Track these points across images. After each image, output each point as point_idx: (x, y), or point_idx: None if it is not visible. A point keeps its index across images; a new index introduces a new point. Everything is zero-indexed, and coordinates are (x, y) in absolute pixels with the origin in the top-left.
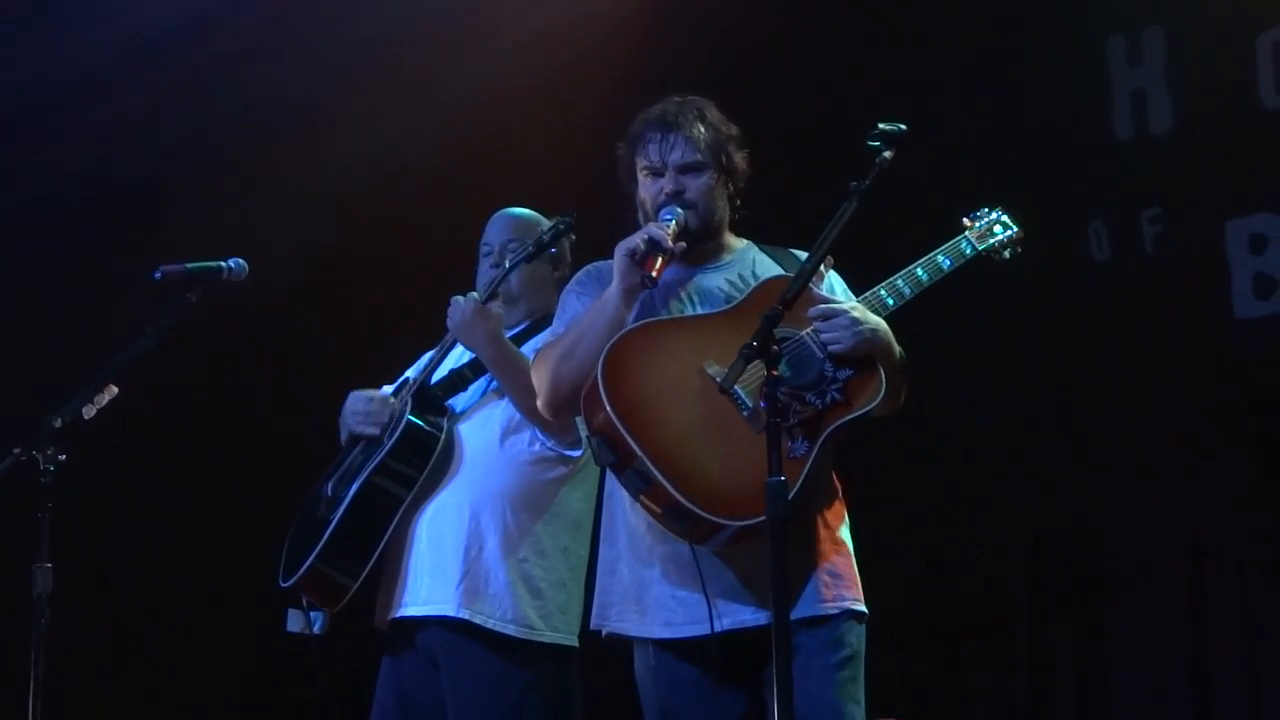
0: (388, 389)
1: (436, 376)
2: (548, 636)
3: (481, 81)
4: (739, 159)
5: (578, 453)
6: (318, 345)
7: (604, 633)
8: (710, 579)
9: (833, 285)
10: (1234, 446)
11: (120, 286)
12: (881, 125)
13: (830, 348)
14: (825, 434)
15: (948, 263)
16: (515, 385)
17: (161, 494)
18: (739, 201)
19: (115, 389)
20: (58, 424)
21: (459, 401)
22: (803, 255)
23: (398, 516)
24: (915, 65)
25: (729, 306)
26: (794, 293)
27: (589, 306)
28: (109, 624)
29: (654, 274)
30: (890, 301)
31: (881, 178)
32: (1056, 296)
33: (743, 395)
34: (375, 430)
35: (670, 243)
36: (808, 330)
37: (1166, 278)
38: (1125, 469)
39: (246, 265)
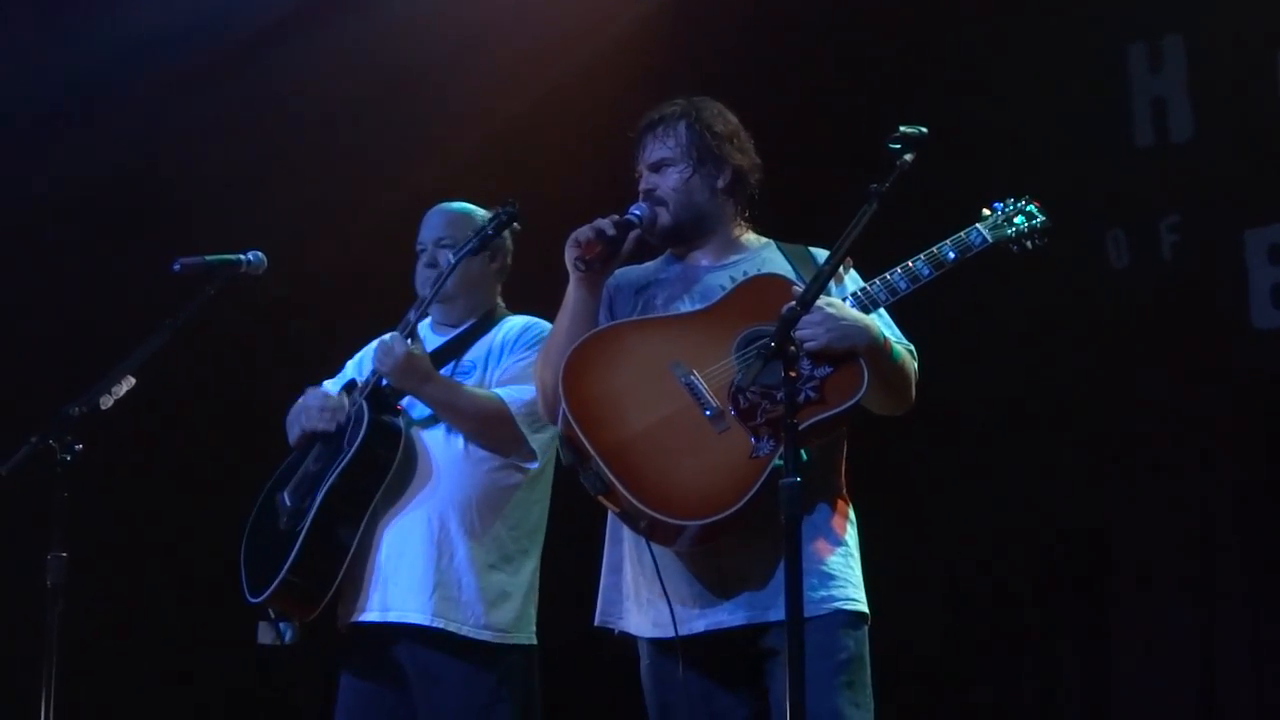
0: (328, 384)
1: None
2: (514, 639)
3: (495, 84)
4: (736, 155)
5: (534, 464)
6: (339, 336)
7: (615, 630)
8: (680, 582)
9: (848, 287)
10: (1250, 455)
11: (137, 278)
12: (902, 128)
13: (805, 344)
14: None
15: (952, 255)
16: (457, 416)
17: (178, 484)
18: (746, 195)
19: (133, 380)
20: (75, 413)
21: (415, 407)
22: (822, 254)
23: (365, 521)
24: (936, 70)
25: (703, 306)
26: (813, 294)
27: None
28: (124, 613)
29: (586, 258)
30: (883, 296)
31: (901, 180)
32: (1075, 303)
33: (706, 394)
34: (331, 427)
35: (613, 231)
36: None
37: (1185, 286)
38: (1141, 476)
39: (265, 258)
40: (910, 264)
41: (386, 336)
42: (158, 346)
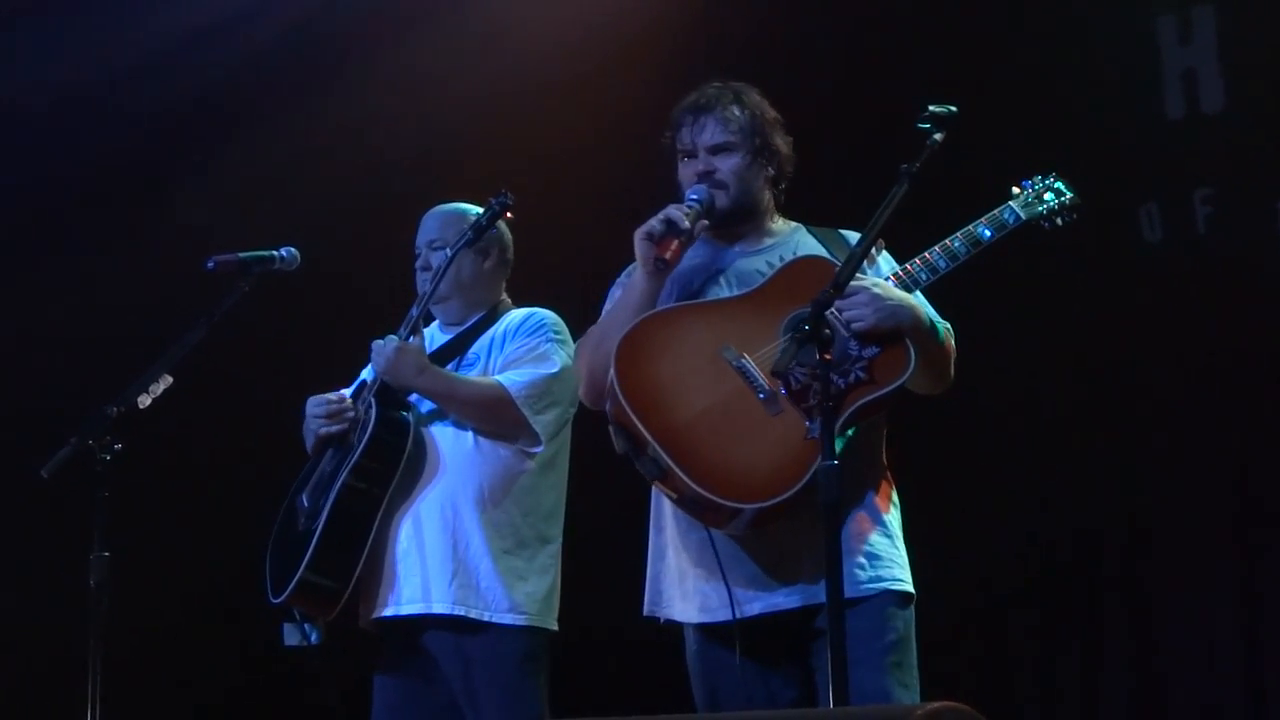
0: (345, 392)
1: None
2: (539, 622)
3: (505, 77)
4: (779, 142)
5: (538, 449)
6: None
7: (661, 619)
8: (736, 564)
9: (881, 268)
10: None
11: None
12: (931, 108)
13: (852, 325)
14: (846, 413)
15: (988, 233)
16: (457, 405)
17: (218, 482)
18: (781, 185)
19: (170, 378)
20: (113, 413)
21: (424, 402)
22: (852, 236)
23: (379, 516)
24: (965, 48)
25: (750, 289)
26: (846, 275)
27: None
28: (167, 612)
29: (667, 257)
30: (924, 276)
31: (932, 160)
32: (1109, 278)
33: (759, 378)
34: (341, 428)
35: (687, 224)
36: (830, 309)
37: (1219, 258)
38: (1177, 452)
39: (298, 254)
40: (948, 243)
41: (379, 339)
42: (194, 344)
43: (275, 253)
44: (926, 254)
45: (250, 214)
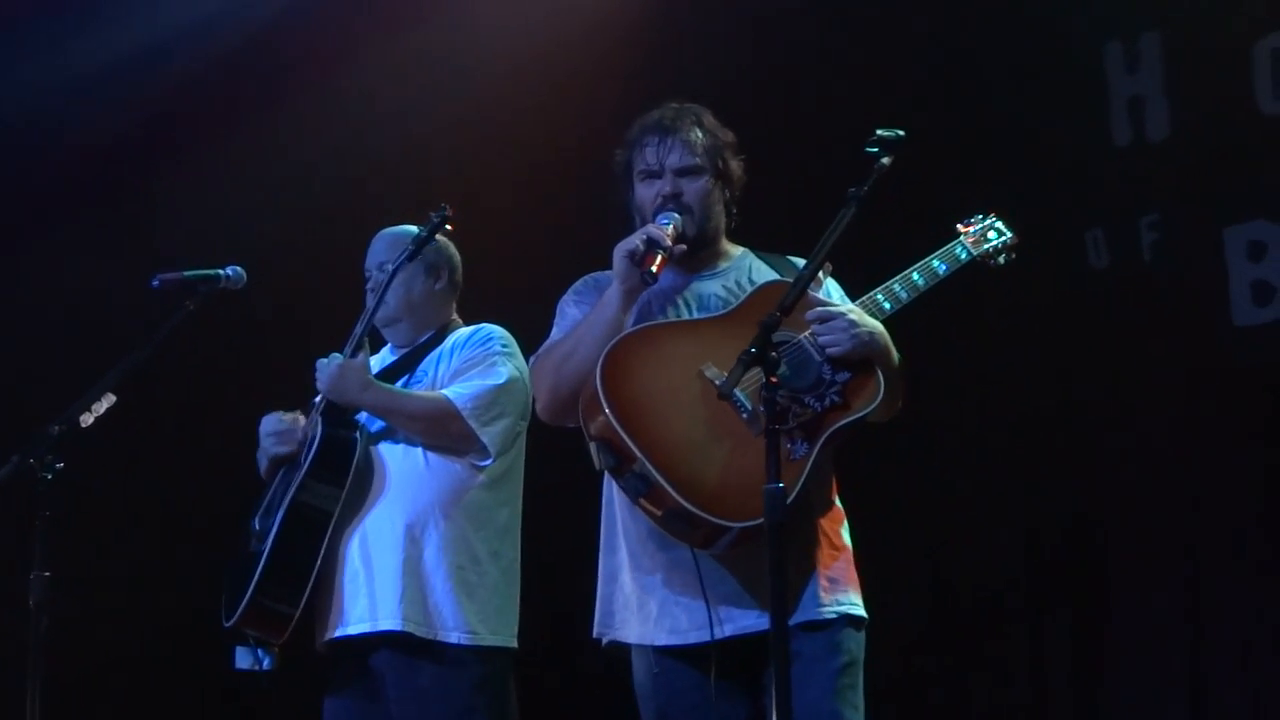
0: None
1: None
2: (489, 640)
3: (455, 99)
4: (735, 165)
5: (488, 461)
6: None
7: (605, 641)
8: (711, 584)
9: (829, 291)
10: (1232, 453)
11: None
12: (880, 131)
13: (828, 350)
14: (825, 436)
15: (944, 268)
16: (403, 419)
17: (160, 502)
18: (734, 209)
19: (113, 397)
20: (55, 432)
21: (374, 419)
22: (799, 262)
23: (328, 535)
24: (913, 72)
25: (726, 310)
26: (792, 299)
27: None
28: (107, 633)
29: (654, 270)
30: (887, 306)
31: (879, 184)
32: (1055, 303)
33: (742, 398)
34: (290, 448)
35: (669, 242)
36: (806, 333)
37: (1165, 285)
38: (1124, 475)
39: (244, 273)
40: (908, 274)
41: (323, 358)
42: (138, 363)
43: (221, 271)
44: (887, 286)
45: (199, 233)
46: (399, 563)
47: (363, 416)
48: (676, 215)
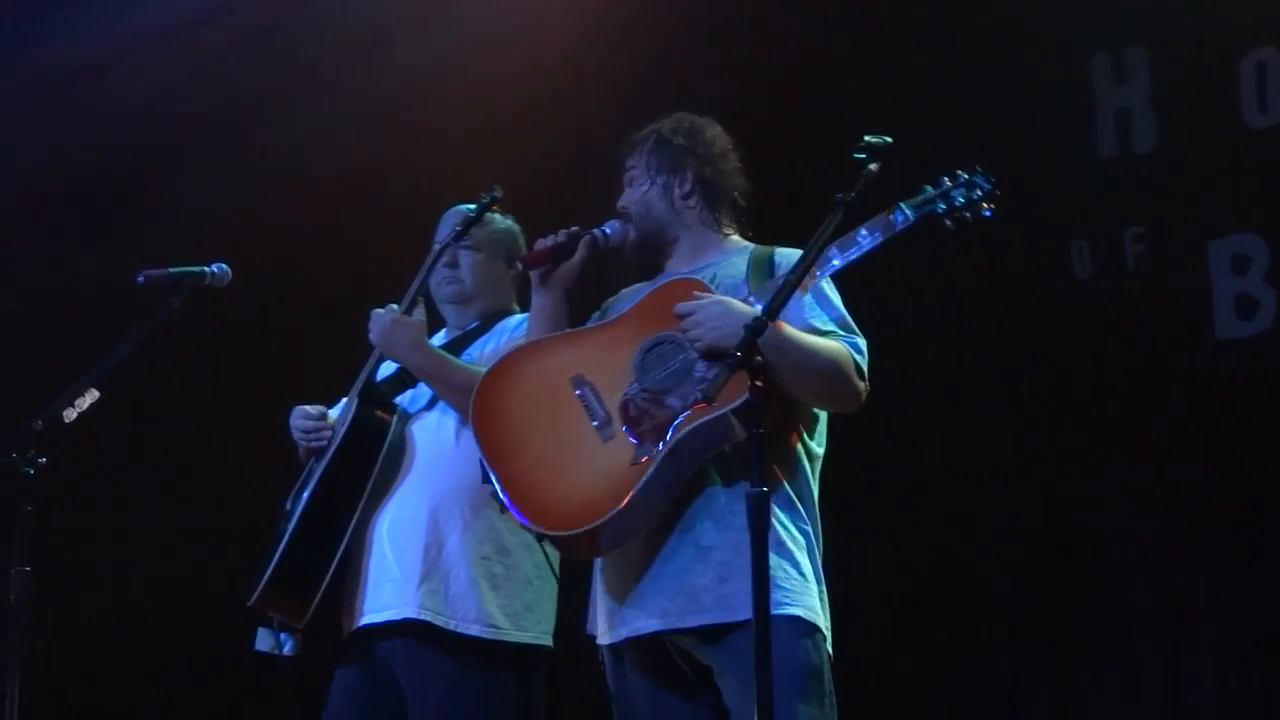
0: (330, 409)
1: (382, 374)
2: (513, 636)
3: (471, 98)
4: (696, 162)
5: None
6: (307, 348)
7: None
8: (614, 586)
9: (820, 295)
10: (1213, 466)
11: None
12: (867, 138)
13: (694, 345)
14: (677, 437)
15: (872, 238)
16: (446, 388)
17: (142, 497)
18: (719, 202)
19: (96, 392)
20: (38, 426)
21: (408, 400)
22: (787, 253)
23: (355, 517)
24: (900, 82)
25: (615, 316)
26: (779, 302)
27: None
28: (88, 629)
29: (530, 261)
30: (756, 305)
31: (867, 190)
32: (1039, 314)
33: (596, 404)
34: (321, 443)
35: (560, 239)
36: (678, 328)
37: (1149, 297)
38: (1105, 486)
39: (230, 270)
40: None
41: (379, 308)
42: (122, 358)
43: (206, 269)
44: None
45: (187, 231)
46: (422, 548)
47: (402, 400)
48: (616, 224)
